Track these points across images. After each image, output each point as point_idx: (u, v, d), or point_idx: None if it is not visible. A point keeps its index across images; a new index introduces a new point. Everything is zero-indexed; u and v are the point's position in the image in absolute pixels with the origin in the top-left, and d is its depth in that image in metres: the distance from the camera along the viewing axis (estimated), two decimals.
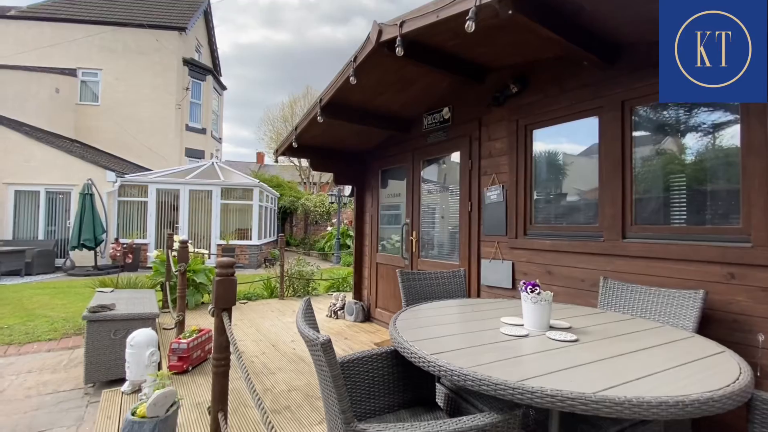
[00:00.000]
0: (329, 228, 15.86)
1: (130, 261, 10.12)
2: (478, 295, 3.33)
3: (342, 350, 3.91)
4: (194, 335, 3.27)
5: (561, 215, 2.90)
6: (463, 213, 3.52)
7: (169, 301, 4.71)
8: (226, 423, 1.74)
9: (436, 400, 1.86)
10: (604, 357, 1.41)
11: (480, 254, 3.34)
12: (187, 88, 16.09)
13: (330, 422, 1.26)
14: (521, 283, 1.76)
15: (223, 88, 19.40)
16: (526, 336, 1.63)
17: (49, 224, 10.94)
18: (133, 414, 1.75)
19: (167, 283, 5.10)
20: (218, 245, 11.08)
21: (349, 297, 5.53)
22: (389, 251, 4.77)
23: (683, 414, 1.06)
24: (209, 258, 7.77)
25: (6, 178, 10.43)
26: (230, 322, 1.76)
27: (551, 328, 1.72)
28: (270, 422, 1.18)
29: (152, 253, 6.27)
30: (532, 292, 1.70)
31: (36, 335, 4.65)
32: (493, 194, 3.19)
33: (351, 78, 2.94)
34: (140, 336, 2.84)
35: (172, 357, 3.12)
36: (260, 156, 38.24)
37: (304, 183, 27.30)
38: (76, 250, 9.60)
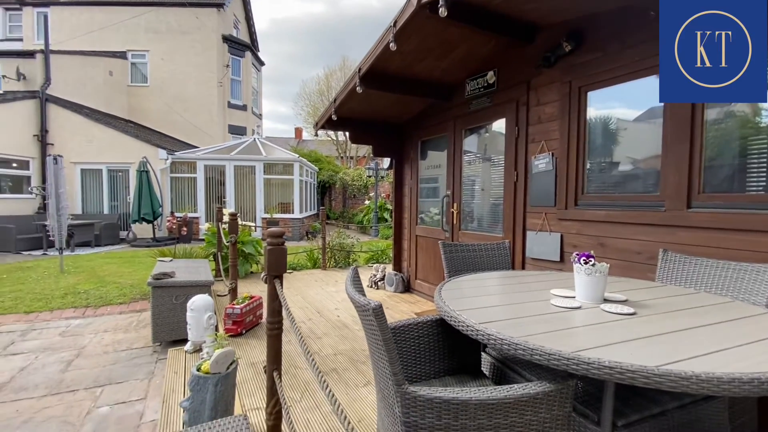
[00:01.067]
0: (366, 201, 16.00)
1: (185, 233, 10.84)
2: (523, 268, 3.25)
3: None
4: (246, 301, 3.49)
5: (616, 184, 2.71)
6: (508, 183, 3.40)
7: (222, 270, 5.02)
8: (281, 381, 1.86)
9: (482, 368, 1.87)
10: (666, 331, 1.33)
11: (525, 226, 3.23)
12: (228, 65, 16.44)
13: (380, 384, 1.30)
14: (574, 254, 1.69)
15: (261, 63, 19.61)
16: (578, 308, 1.58)
17: (112, 200, 11.89)
18: (198, 369, 1.92)
19: (219, 253, 5.43)
20: (263, 218, 11.56)
21: (389, 268, 5.62)
22: (428, 224, 4.75)
23: (759, 392, 0.99)
24: (254, 230, 8.15)
25: (73, 158, 11.36)
26: (282, 288, 1.84)
27: (606, 300, 1.65)
28: (325, 381, 1.24)
29: (204, 226, 6.67)
30: (585, 263, 1.63)
31: (108, 299, 5.17)
32: (541, 163, 3.03)
33: (391, 44, 2.85)
34: (199, 301, 3.06)
35: (227, 321, 3.36)
36: (298, 131, 38.79)
37: (341, 157, 27.51)
38: (137, 223, 10.42)
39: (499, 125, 3.61)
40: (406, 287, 5.09)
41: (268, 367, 1.91)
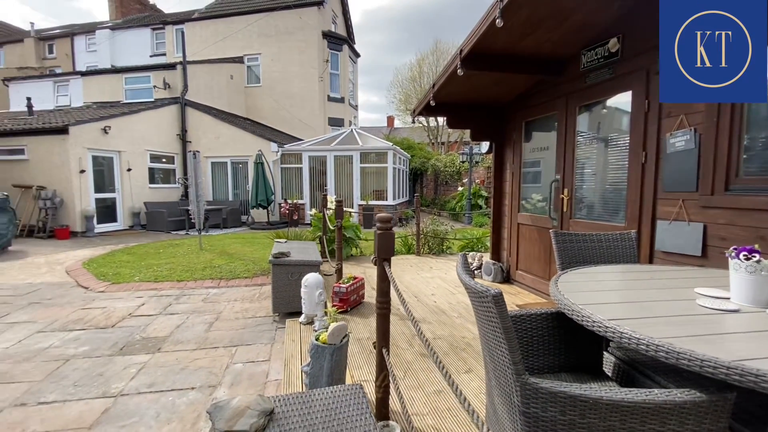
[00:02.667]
0: (459, 188, 15.65)
1: (296, 218, 12.01)
2: (650, 262, 2.85)
3: None
4: (351, 281, 3.74)
5: None
6: (633, 166, 2.99)
7: (327, 251, 5.45)
8: (389, 356, 1.96)
9: (603, 368, 1.71)
10: None
11: (655, 214, 2.81)
12: (327, 60, 17.45)
13: (495, 371, 1.29)
14: (731, 249, 1.42)
15: (357, 55, 20.34)
16: (736, 311, 1.33)
17: (235, 188, 13.73)
18: (316, 339, 2.13)
19: (323, 236, 5.89)
20: (359, 205, 12.17)
21: (486, 257, 5.45)
22: (531, 211, 4.45)
23: None
24: (352, 217, 8.63)
25: (205, 153, 13.36)
26: (390, 270, 1.93)
27: None
28: (441, 362, 1.27)
29: (311, 212, 7.29)
30: (748, 259, 1.36)
31: (236, 273, 6.03)
32: (679, 140, 2.59)
33: (497, 21, 2.69)
34: (312, 279, 3.38)
35: (335, 298, 3.65)
36: (390, 120, 39.50)
37: (433, 143, 27.28)
38: (255, 208, 11.89)
39: (621, 99, 3.17)
40: (505, 278, 4.89)
41: (377, 343, 2.03)
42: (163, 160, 12.99)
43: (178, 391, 2.75)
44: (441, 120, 25.39)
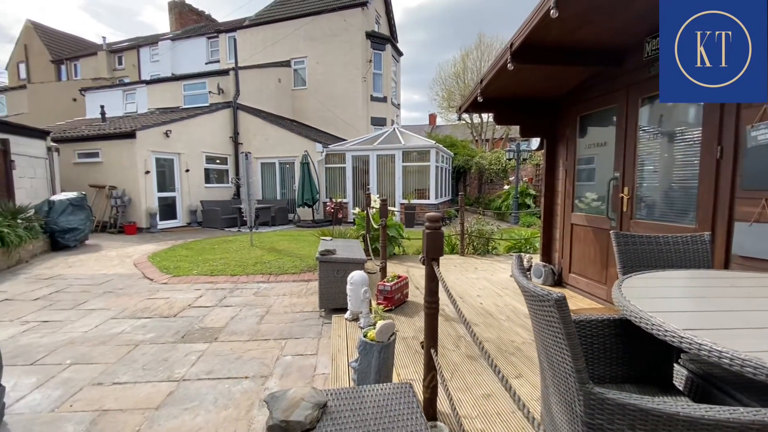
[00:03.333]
0: (506, 186, 15.17)
1: (341, 217, 12.27)
2: (726, 267, 2.59)
3: None
4: (395, 280, 3.75)
5: None
6: (706, 161, 2.73)
7: (370, 250, 5.51)
8: (437, 357, 1.94)
9: (674, 381, 1.58)
10: None
11: (732, 215, 2.55)
12: (370, 60, 17.61)
13: (554, 380, 1.23)
14: None
15: (400, 54, 20.34)
16: None
17: (282, 187, 14.28)
18: (364, 336, 2.16)
19: (367, 235, 5.96)
20: (401, 204, 12.18)
21: (536, 259, 5.24)
22: (586, 211, 4.21)
23: None
24: (394, 215, 8.65)
25: (255, 154, 14.01)
26: (439, 270, 1.91)
27: None
28: (497, 366, 1.23)
29: (354, 211, 7.41)
30: None
31: (284, 269, 6.26)
32: (762, 134, 2.33)
33: (551, 11, 2.57)
34: (357, 276, 3.43)
35: (379, 296, 3.68)
36: (432, 117, 39.15)
37: (476, 140, 26.66)
38: (300, 207, 12.29)
39: None
40: (557, 281, 4.67)
41: (425, 343, 2.02)
42: (217, 161, 13.79)
43: (233, 379, 2.91)
44: (486, 116, 24.76)
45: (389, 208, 7.88)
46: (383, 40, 18.24)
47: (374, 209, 6.09)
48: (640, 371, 1.59)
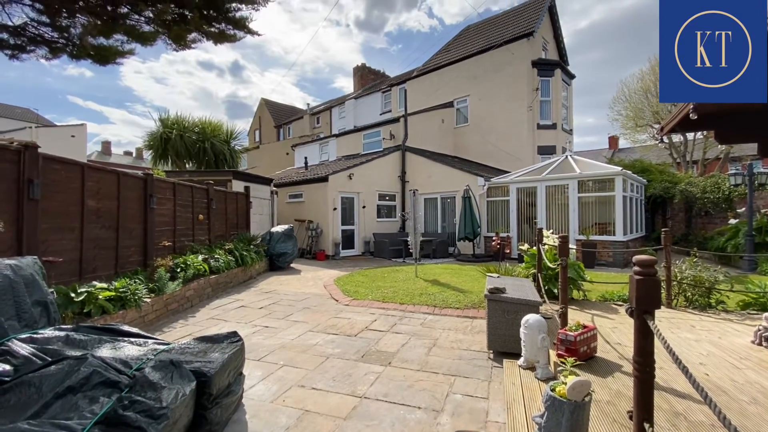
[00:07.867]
0: (732, 221, 11.63)
1: (508, 252, 11.68)
2: None
3: None
4: (580, 329, 3.26)
5: None
6: None
7: (543, 291, 5.00)
8: None
9: None
10: None
11: None
12: (537, 89, 16.81)
13: None
14: None
15: (571, 77, 18.76)
16: None
17: (443, 221, 14.70)
18: (552, 390, 1.92)
19: (539, 274, 5.45)
20: (577, 240, 10.76)
21: None
22: None
23: None
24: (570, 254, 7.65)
25: (420, 190, 14.96)
26: (655, 325, 1.56)
27: None
28: None
29: (519, 246, 6.94)
30: None
31: (448, 303, 6.28)
32: None
33: None
34: (533, 320, 3.14)
35: (560, 346, 3.25)
36: (612, 140, 34.19)
37: (678, 163, 21.64)
38: (461, 241, 12.30)
39: None
40: None
41: (635, 414, 1.65)
42: (387, 197, 15.30)
43: (407, 407, 3.01)
44: (691, 135, 20.02)
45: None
46: (551, 65, 17.21)
47: (546, 245, 5.55)
48: None
